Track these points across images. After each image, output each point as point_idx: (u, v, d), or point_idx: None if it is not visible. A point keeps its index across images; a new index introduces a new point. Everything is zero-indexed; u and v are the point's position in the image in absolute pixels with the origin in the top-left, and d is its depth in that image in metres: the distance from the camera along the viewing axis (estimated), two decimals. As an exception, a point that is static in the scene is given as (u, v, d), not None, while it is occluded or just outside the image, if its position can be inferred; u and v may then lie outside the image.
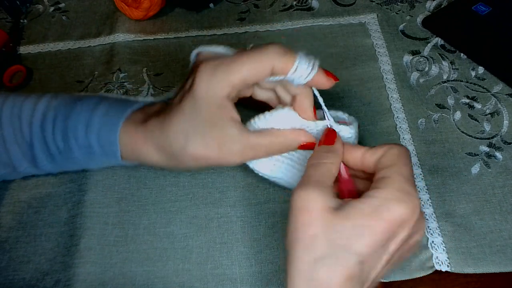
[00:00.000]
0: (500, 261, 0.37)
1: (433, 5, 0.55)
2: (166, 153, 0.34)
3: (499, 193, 0.40)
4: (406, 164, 0.29)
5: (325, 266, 0.26)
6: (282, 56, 0.31)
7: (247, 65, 0.31)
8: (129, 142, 0.35)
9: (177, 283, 0.37)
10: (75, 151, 0.37)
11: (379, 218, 0.26)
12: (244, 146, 0.33)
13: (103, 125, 0.35)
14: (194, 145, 0.32)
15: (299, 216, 0.27)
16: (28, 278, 0.38)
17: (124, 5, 0.54)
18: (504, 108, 0.45)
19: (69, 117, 0.36)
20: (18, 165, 0.38)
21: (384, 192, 0.27)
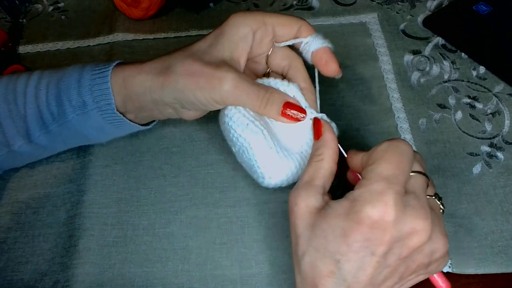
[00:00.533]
0: (502, 261, 0.36)
1: (434, 5, 0.55)
2: (160, 66, 0.34)
3: (500, 193, 0.40)
4: (389, 162, 0.27)
5: (307, 263, 0.28)
6: (307, 23, 0.36)
7: (280, 17, 0.35)
8: (122, 73, 0.35)
9: (177, 284, 0.37)
10: (69, 114, 0.36)
11: (349, 219, 0.27)
12: (239, 74, 0.33)
13: (94, 77, 0.35)
14: (196, 59, 0.33)
15: (290, 217, 0.30)
16: (27, 279, 0.37)
17: (124, 4, 0.54)
18: (505, 108, 0.45)
19: (60, 80, 0.36)
20: (13, 143, 0.37)
21: (355, 193, 0.27)
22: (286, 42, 0.36)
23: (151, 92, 0.34)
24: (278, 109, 0.34)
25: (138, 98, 0.35)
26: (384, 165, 0.27)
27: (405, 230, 0.26)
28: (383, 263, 0.26)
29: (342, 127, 0.44)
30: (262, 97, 0.33)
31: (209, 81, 0.32)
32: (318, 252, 0.27)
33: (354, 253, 0.26)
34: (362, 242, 0.26)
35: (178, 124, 0.45)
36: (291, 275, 0.36)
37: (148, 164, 0.43)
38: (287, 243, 0.38)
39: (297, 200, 0.29)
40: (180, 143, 0.44)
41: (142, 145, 0.44)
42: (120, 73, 0.35)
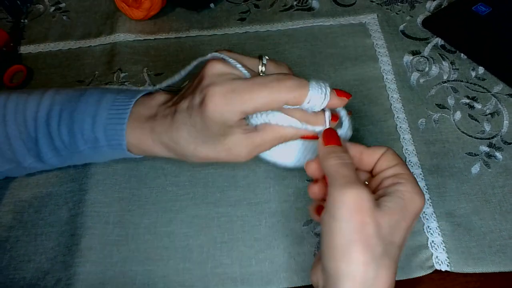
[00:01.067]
0: (500, 260, 0.37)
1: (433, 6, 0.55)
2: (175, 153, 0.35)
3: (499, 193, 0.40)
4: (405, 163, 0.32)
5: (383, 264, 0.27)
6: (296, 89, 0.31)
7: (260, 97, 0.30)
8: (136, 138, 0.36)
9: (178, 282, 0.37)
10: (81, 145, 0.37)
11: (409, 211, 0.29)
12: (250, 148, 0.34)
13: (109, 118, 0.36)
14: (204, 150, 0.34)
15: (355, 216, 0.27)
16: (29, 277, 0.38)
17: (125, 5, 0.54)
18: (504, 108, 0.45)
19: (75, 111, 0.36)
20: (23, 161, 0.38)
21: (409, 186, 0.29)
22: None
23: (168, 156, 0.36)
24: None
25: (156, 155, 0.37)
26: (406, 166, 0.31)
27: None
28: None
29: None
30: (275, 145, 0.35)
31: (225, 161, 0.35)
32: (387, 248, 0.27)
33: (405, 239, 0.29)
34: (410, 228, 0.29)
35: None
36: (291, 274, 0.37)
37: (149, 164, 0.43)
38: (287, 242, 0.38)
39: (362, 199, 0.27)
40: (181, 143, 0.45)
41: (143, 145, 0.44)
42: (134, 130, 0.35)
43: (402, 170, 0.31)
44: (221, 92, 0.31)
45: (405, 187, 0.29)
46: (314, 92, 0.31)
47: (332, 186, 0.28)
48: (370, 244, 0.26)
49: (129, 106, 0.36)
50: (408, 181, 0.30)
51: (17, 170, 0.40)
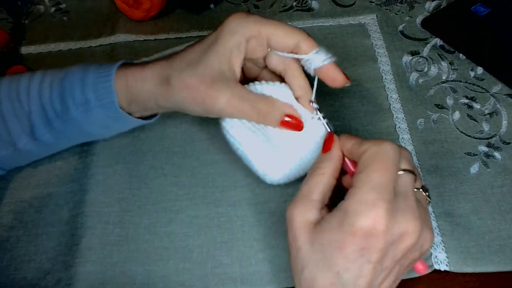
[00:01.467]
0: (499, 260, 0.37)
1: (432, 6, 0.55)
2: (160, 76, 0.35)
3: (498, 193, 0.40)
4: (378, 170, 0.28)
5: (307, 277, 0.28)
6: (308, 37, 0.33)
7: (279, 28, 0.33)
8: (124, 77, 0.36)
9: (178, 282, 0.37)
10: (73, 111, 0.37)
11: (343, 231, 0.27)
12: (233, 93, 0.33)
13: (98, 76, 0.36)
14: (190, 72, 0.33)
15: (288, 231, 0.30)
16: (30, 277, 0.38)
17: (125, 5, 0.54)
18: (503, 108, 0.46)
19: (64, 79, 0.37)
20: (18, 141, 0.38)
21: (346, 203, 0.28)
22: (284, 54, 0.34)
23: (155, 100, 0.36)
24: (277, 121, 0.35)
25: (144, 102, 0.36)
26: (373, 175, 0.28)
27: (397, 234, 0.27)
28: (379, 268, 0.28)
29: (341, 127, 0.45)
30: (258, 112, 0.34)
31: (204, 98, 0.33)
32: (317, 267, 0.28)
33: (351, 263, 0.27)
34: (358, 252, 0.27)
35: (179, 125, 0.46)
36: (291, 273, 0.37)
37: (149, 164, 0.43)
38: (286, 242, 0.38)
39: (294, 213, 0.30)
40: (181, 143, 0.45)
41: (143, 145, 0.45)
42: (123, 77, 0.36)
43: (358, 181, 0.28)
44: (242, 13, 0.34)
45: (344, 204, 0.28)
46: (322, 49, 0.34)
47: None
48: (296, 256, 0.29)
49: (116, 65, 0.37)
50: (352, 197, 0.27)
51: (15, 156, 0.39)
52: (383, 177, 0.28)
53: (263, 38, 0.34)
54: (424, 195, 0.32)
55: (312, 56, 0.33)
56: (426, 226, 0.29)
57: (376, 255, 0.27)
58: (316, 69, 0.34)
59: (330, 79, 0.34)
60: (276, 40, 0.33)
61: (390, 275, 0.29)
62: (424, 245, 0.29)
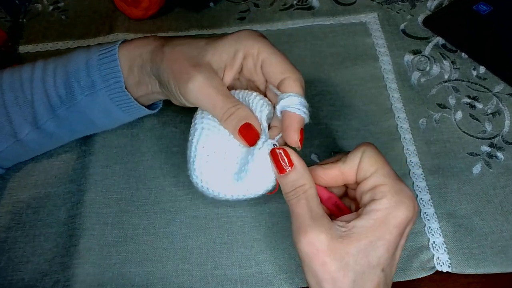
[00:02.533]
0: (502, 261, 0.37)
1: (434, 5, 0.55)
2: (158, 45, 0.35)
3: (500, 193, 0.40)
4: (385, 163, 0.30)
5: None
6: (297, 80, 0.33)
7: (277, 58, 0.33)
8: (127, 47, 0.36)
9: (177, 283, 0.37)
10: (78, 95, 0.37)
11: (388, 227, 0.28)
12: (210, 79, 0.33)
13: (101, 57, 0.36)
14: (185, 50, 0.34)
15: (314, 261, 0.28)
16: (27, 278, 0.37)
17: (124, 4, 0.54)
18: (505, 108, 0.45)
19: (68, 64, 0.37)
20: (20, 131, 0.38)
21: (384, 202, 0.28)
22: (271, 87, 0.34)
23: (146, 65, 0.36)
24: (236, 126, 0.33)
25: (139, 69, 0.36)
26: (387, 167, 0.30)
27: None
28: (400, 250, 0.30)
29: (342, 127, 0.45)
30: (226, 109, 0.33)
31: (181, 73, 0.33)
32: (365, 274, 0.28)
33: (391, 256, 0.28)
34: (398, 242, 0.29)
35: (178, 124, 0.46)
36: (291, 275, 0.37)
37: (148, 164, 0.43)
38: (287, 242, 0.38)
39: (314, 243, 0.28)
40: (180, 143, 0.44)
41: (142, 145, 0.44)
42: (126, 48, 0.36)
43: (380, 179, 0.29)
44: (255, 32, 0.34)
45: (379, 205, 0.28)
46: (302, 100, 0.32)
47: (293, 231, 0.29)
48: (336, 279, 0.27)
49: (118, 43, 0.37)
50: (384, 195, 0.28)
51: (16, 149, 0.39)
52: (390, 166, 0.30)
53: (259, 60, 0.33)
54: None
55: (283, 96, 0.32)
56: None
57: (404, 241, 0.29)
58: (282, 112, 0.32)
59: (284, 129, 0.32)
60: (267, 67, 0.33)
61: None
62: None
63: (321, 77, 0.48)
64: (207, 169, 0.33)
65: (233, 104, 0.33)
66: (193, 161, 0.33)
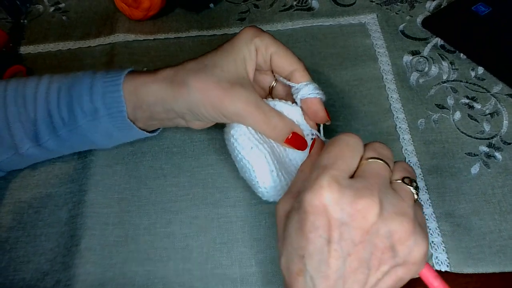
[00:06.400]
0: (500, 261, 0.37)
1: (433, 6, 0.55)
2: (174, 79, 0.34)
3: (498, 193, 0.40)
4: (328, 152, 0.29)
5: (283, 265, 0.29)
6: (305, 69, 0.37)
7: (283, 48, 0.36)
8: (133, 85, 0.36)
9: (178, 283, 0.37)
10: (80, 120, 0.37)
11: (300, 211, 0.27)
12: (250, 98, 0.34)
13: (106, 85, 0.36)
14: (208, 73, 0.34)
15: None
16: (28, 278, 0.38)
17: (124, 5, 0.54)
18: (503, 108, 0.45)
19: (72, 87, 0.37)
20: (21, 146, 0.38)
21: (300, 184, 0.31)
22: (282, 79, 0.37)
23: (164, 102, 0.35)
24: (284, 137, 0.36)
25: (149, 107, 0.36)
26: (323, 156, 0.28)
27: (347, 212, 0.26)
28: (340, 251, 0.26)
29: (341, 127, 0.45)
30: (269, 123, 0.35)
31: (221, 98, 0.33)
32: (287, 252, 0.28)
33: (312, 245, 0.26)
34: (314, 231, 0.26)
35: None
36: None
37: (148, 164, 0.43)
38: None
39: (277, 206, 0.31)
40: (181, 144, 0.45)
41: (143, 146, 0.44)
42: (132, 81, 0.36)
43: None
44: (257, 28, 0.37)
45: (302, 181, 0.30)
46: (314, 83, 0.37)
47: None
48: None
49: (124, 72, 0.37)
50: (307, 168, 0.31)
51: (15, 160, 0.39)
52: (332, 157, 0.28)
53: (267, 55, 0.36)
54: (406, 187, 0.29)
55: (301, 87, 0.36)
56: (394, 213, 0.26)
57: (331, 233, 0.26)
58: (301, 100, 0.36)
59: (311, 112, 0.36)
60: (277, 60, 0.36)
61: (361, 265, 0.26)
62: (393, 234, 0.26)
63: (321, 78, 0.48)
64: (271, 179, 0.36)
65: (275, 117, 0.35)
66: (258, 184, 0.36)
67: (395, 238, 0.26)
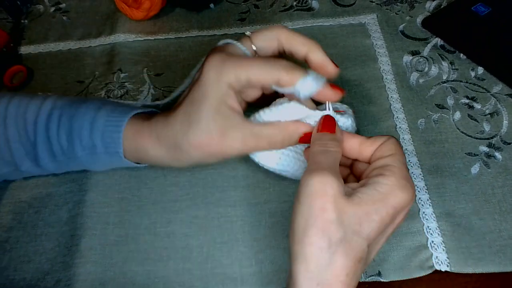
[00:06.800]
0: (500, 261, 0.37)
1: (432, 6, 0.55)
2: (168, 144, 0.35)
3: (498, 193, 0.40)
4: (403, 154, 0.31)
5: (339, 251, 0.27)
6: (290, 70, 0.32)
7: (254, 68, 0.32)
8: (133, 137, 0.36)
9: (178, 282, 0.37)
10: (79, 151, 0.37)
11: (386, 204, 0.28)
12: (246, 134, 0.33)
13: (107, 124, 0.36)
14: (197, 131, 0.33)
15: (316, 201, 0.28)
16: (29, 277, 0.38)
17: (125, 5, 0.54)
18: (503, 108, 0.45)
19: (74, 117, 0.37)
20: (20, 164, 0.38)
21: (391, 179, 0.29)
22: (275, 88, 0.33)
23: (169, 162, 0.36)
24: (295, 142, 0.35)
25: (150, 162, 0.38)
26: (403, 158, 0.31)
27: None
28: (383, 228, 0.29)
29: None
30: (275, 143, 0.34)
31: (220, 151, 0.34)
32: (351, 239, 0.27)
33: (378, 235, 0.29)
34: (388, 225, 0.29)
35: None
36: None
37: (149, 164, 0.43)
38: (286, 242, 0.38)
39: (326, 184, 0.28)
40: (181, 143, 0.45)
41: (143, 145, 0.44)
42: (133, 138, 0.36)
43: (393, 161, 0.30)
44: (219, 56, 0.33)
45: (386, 180, 0.29)
46: (308, 78, 0.32)
47: (305, 171, 0.29)
48: (327, 229, 0.27)
49: (128, 115, 0.36)
50: (393, 174, 0.29)
51: (14, 174, 0.40)
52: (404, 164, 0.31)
53: (243, 82, 0.32)
54: None
55: (298, 87, 0.32)
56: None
57: (391, 229, 0.30)
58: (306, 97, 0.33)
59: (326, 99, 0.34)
60: (257, 81, 0.32)
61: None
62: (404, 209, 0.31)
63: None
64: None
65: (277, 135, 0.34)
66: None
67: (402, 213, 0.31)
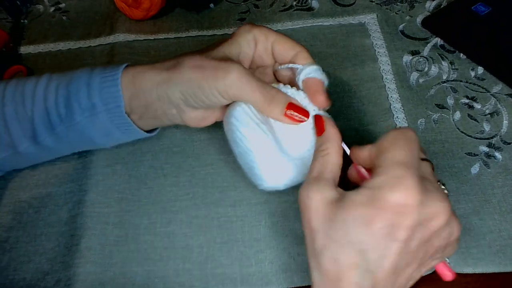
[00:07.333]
0: (500, 261, 0.37)
1: (432, 5, 0.55)
2: (168, 64, 0.35)
3: (498, 193, 0.40)
4: (401, 148, 0.28)
5: (328, 257, 0.27)
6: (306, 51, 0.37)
7: (283, 38, 0.36)
8: (131, 82, 0.36)
9: (177, 282, 0.37)
10: (78, 116, 0.37)
11: (374, 207, 0.26)
12: (242, 69, 0.33)
13: (103, 81, 0.36)
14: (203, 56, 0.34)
15: (304, 213, 0.29)
16: (29, 277, 0.38)
17: (125, 5, 0.54)
18: (503, 108, 0.45)
19: (70, 83, 0.37)
20: (18, 144, 0.38)
21: (376, 180, 0.27)
22: (284, 65, 0.37)
23: (158, 88, 0.35)
24: (282, 109, 0.34)
25: (145, 95, 0.36)
26: (398, 151, 0.27)
27: (427, 214, 0.26)
28: (405, 249, 0.26)
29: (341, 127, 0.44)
30: (266, 94, 0.33)
31: (214, 71, 0.33)
32: (339, 245, 0.27)
33: (378, 241, 0.26)
34: (386, 229, 0.26)
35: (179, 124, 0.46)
36: (291, 274, 0.37)
37: (149, 164, 0.43)
38: (286, 242, 0.38)
39: (310, 194, 0.28)
40: (181, 143, 0.45)
41: (143, 145, 0.44)
42: (130, 71, 0.36)
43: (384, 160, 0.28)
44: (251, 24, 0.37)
45: (374, 182, 0.27)
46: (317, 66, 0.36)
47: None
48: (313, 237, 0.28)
49: (122, 67, 0.37)
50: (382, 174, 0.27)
51: (14, 158, 0.39)
52: (408, 155, 0.27)
53: (268, 43, 0.36)
54: (442, 188, 0.31)
55: (303, 67, 0.36)
56: (453, 215, 0.28)
57: (404, 232, 0.26)
58: (304, 80, 0.36)
59: (311, 93, 0.35)
60: (279, 47, 0.36)
61: (415, 261, 0.27)
62: (452, 234, 0.28)
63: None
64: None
65: (270, 88, 0.34)
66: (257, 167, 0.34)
67: (451, 239, 0.29)
